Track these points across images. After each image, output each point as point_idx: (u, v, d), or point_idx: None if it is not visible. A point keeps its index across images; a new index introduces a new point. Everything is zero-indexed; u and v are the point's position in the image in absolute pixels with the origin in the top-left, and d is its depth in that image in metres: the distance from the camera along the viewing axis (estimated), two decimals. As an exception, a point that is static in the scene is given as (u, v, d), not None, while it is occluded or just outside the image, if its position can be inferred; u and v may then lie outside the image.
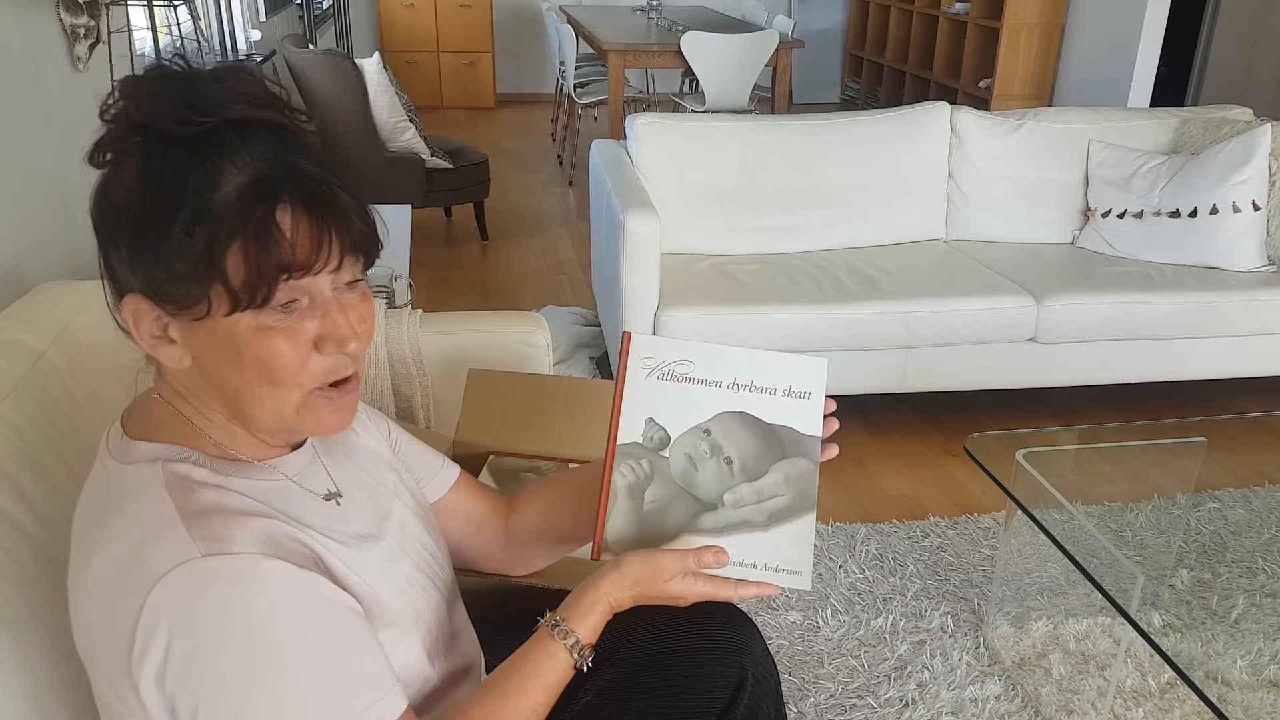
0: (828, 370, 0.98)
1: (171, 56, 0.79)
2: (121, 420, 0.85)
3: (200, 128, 0.74)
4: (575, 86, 5.46)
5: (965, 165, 2.98)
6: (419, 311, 1.71)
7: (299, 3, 5.57)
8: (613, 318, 2.68)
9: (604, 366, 3.07)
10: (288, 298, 0.76)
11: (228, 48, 4.05)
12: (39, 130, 1.98)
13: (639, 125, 2.82)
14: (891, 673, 1.85)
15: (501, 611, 1.15)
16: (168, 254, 0.74)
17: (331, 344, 0.80)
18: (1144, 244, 2.85)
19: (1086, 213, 3.01)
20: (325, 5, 6.43)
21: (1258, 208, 2.76)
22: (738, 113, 3.46)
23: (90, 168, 0.78)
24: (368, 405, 1.06)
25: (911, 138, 2.94)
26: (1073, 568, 1.56)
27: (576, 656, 0.90)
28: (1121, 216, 2.89)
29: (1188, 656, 1.87)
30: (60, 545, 0.94)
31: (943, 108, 2.97)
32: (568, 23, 5.81)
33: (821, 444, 0.97)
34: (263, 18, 4.61)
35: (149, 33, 2.55)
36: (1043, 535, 1.63)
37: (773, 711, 1.10)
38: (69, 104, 2.12)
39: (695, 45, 4.77)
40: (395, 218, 2.76)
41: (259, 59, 3.95)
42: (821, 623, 1.98)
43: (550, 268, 4.07)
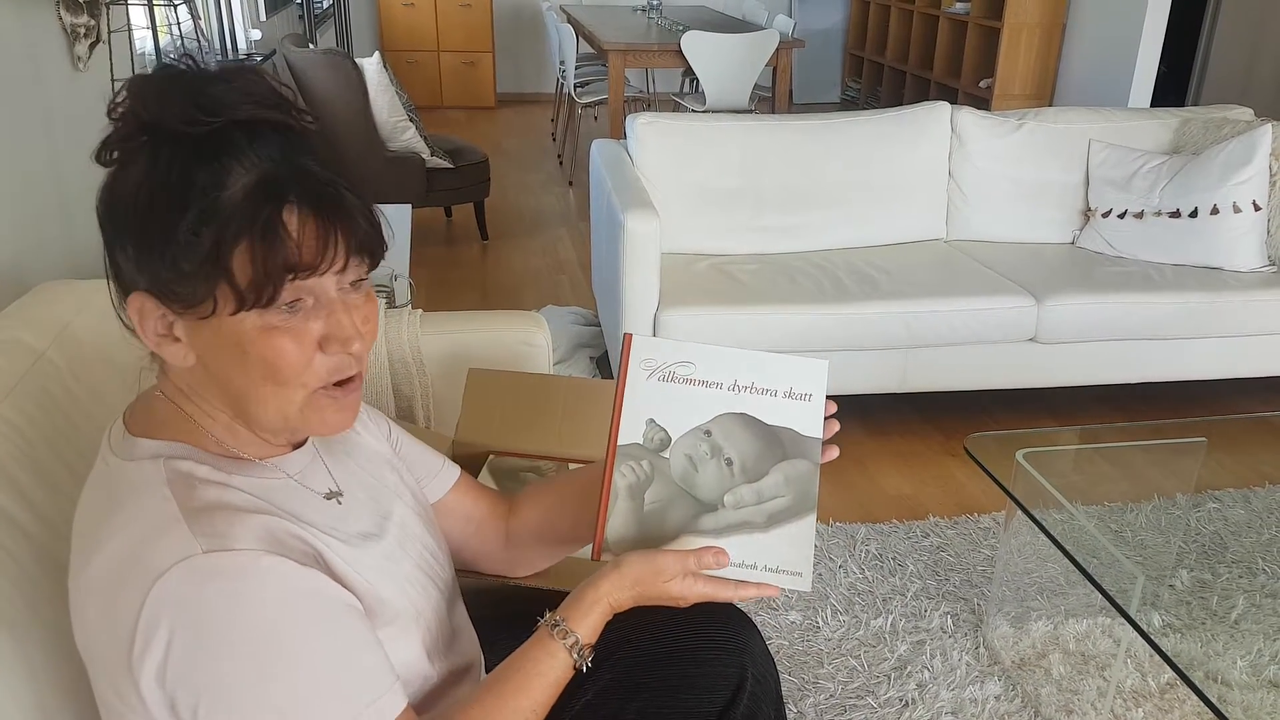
0: (828, 372, 0.98)
1: (179, 56, 0.79)
2: (124, 417, 0.86)
3: (208, 128, 0.74)
4: (575, 86, 5.46)
5: (965, 165, 2.98)
6: (419, 311, 1.71)
7: (299, 2, 5.57)
8: (613, 318, 2.68)
9: (604, 366, 3.07)
10: (293, 297, 0.77)
11: (228, 47, 4.05)
12: (39, 130, 1.98)
13: (639, 125, 2.82)
14: (891, 673, 1.85)
15: (501, 610, 1.15)
16: (174, 253, 0.74)
17: (336, 344, 0.80)
18: (1144, 244, 2.85)
19: (1087, 213, 3.01)
20: (325, 5, 6.43)
21: (1258, 208, 2.76)
22: (738, 112, 3.46)
23: (92, 167, 0.78)
24: (368, 405, 1.06)
25: (912, 138, 2.94)
26: (1073, 568, 1.56)
27: (576, 656, 0.90)
28: (1122, 216, 2.89)
29: (1188, 657, 1.87)
30: (60, 545, 0.94)
31: (943, 108, 2.97)
32: (568, 22, 5.81)
33: (822, 446, 0.97)
34: (263, 17, 4.61)
35: (149, 32, 2.55)
36: (1043, 535, 1.63)
37: (772, 711, 1.10)
38: (69, 104, 2.12)
39: (695, 45, 4.77)
40: (395, 217, 2.76)
41: (259, 58, 3.95)
42: (821, 623, 1.98)
43: (550, 268, 4.07)
